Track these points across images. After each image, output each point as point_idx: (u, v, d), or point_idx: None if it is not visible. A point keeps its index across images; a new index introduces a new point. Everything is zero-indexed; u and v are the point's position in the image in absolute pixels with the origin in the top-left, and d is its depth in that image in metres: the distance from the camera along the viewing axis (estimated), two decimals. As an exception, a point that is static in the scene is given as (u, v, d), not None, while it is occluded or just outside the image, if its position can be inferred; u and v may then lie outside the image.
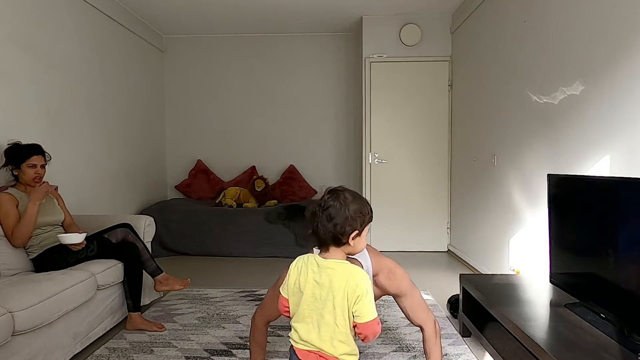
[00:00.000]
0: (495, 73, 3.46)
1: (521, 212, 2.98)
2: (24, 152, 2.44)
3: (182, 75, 5.37)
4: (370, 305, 1.22)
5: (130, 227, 2.67)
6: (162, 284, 2.66)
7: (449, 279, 3.59)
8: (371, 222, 1.34)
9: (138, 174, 4.65)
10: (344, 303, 1.22)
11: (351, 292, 1.22)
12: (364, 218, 1.29)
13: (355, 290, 1.22)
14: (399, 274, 1.79)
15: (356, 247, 1.31)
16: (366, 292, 1.22)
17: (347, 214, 1.25)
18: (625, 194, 1.60)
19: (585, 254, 1.83)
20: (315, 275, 1.27)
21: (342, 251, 1.30)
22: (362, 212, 1.27)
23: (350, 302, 1.22)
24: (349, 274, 1.24)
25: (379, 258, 1.77)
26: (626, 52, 1.97)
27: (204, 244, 4.35)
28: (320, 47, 5.29)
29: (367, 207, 1.32)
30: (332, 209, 1.26)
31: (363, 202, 1.32)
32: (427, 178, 4.72)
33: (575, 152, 2.37)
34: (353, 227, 1.26)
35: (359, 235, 1.28)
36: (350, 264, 1.30)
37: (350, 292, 1.22)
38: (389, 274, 1.77)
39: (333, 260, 1.28)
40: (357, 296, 1.22)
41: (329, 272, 1.25)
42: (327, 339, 1.24)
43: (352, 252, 1.32)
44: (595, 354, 1.47)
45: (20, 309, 1.76)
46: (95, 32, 3.80)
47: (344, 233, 1.25)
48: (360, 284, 1.23)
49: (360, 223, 1.28)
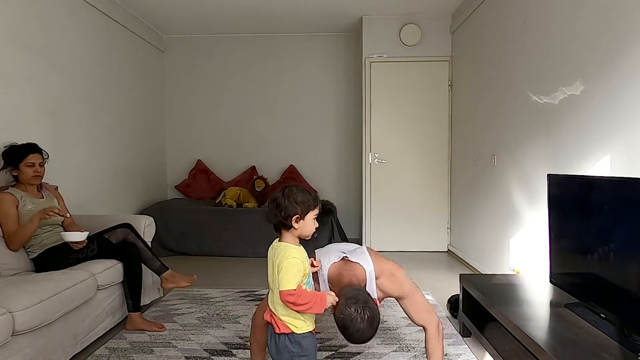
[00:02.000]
0: (495, 73, 3.46)
1: (521, 212, 2.98)
2: (21, 151, 2.45)
3: (182, 75, 5.37)
4: (284, 278, 1.46)
5: (131, 227, 2.67)
6: (168, 281, 2.65)
7: (449, 279, 3.59)
8: (316, 210, 1.58)
9: (138, 174, 4.65)
10: (274, 274, 1.52)
11: (277, 265, 1.51)
12: (304, 205, 1.54)
13: (279, 265, 1.49)
14: (400, 277, 1.83)
15: (303, 230, 1.56)
16: (286, 267, 1.47)
17: (288, 202, 1.52)
18: (625, 193, 1.60)
19: (585, 254, 1.83)
20: (271, 254, 1.58)
21: (292, 234, 1.56)
22: (302, 201, 1.53)
23: (275, 273, 1.51)
24: (281, 251, 1.52)
25: (380, 261, 1.83)
26: (626, 51, 1.98)
27: (204, 244, 4.35)
28: (320, 47, 5.29)
29: (309, 197, 1.56)
30: (279, 199, 1.55)
31: (305, 193, 1.56)
32: (427, 178, 4.72)
33: (575, 151, 2.37)
34: (295, 212, 1.52)
35: (302, 219, 1.54)
36: (291, 246, 1.54)
37: (276, 264, 1.51)
38: (390, 276, 1.82)
39: (282, 243, 1.56)
40: (278, 269, 1.49)
41: (276, 252, 1.55)
42: (272, 302, 1.56)
43: (301, 234, 1.57)
44: (595, 354, 1.47)
45: (20, 309, 1.75)
46: (95, 32, 3.80)
47: (287, 217, 1.52)
48: (284, 260, 1.49)
49: (302, 209, 1.53)
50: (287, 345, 1.52)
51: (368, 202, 4.76)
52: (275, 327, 1.54)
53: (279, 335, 1.54)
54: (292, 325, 1.52)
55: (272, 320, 1.57)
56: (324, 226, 4.34)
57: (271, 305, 1.57)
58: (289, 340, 1.53)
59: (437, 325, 1.80)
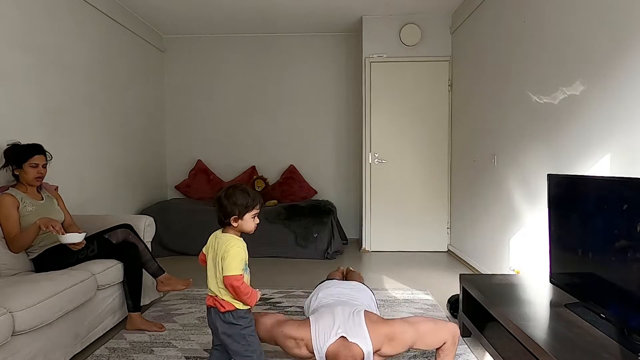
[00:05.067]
0: (495, 73, 3.46)
1: (521, 212, 2.98)
2: (26, 152, 2.44)
3: (182, 75, 5.37)
4: (232, 264, 1.63)
5: (131, 228, 2.67)
6: (164, 284, 2.66)
7: (449, 279, 3.59)
8: (254, 210, 1.72)
9: (138, 174, 4.65)
10: (218, 260, 1.68)
11: (220, 253, 1.67)
12: (242, 207, 1.69)
13: (224, 252, 1.65)
14: (399, 333, 1.79)
15: (243, 227, 1.73)
16: (232, 255, 1.64)
17: (227, 203, 1.68)
18: (625, 193, 1.60)
19: (585, 254, 1.83)
20: (213, 242, 1.75)
21: (233, 229, 1.73)
22: (240, 203, 1.68)
23: (219, 260, 1.67)
24: (226, 241, 1.68)
25: (377, 330, 1.78)
26: (626, 51, 1.97)
27: (204, 244, 4.32)
28: (320, 47, 5.29)
29: (247, 199, 1.70)
30: (221, 199, 1.71)
31: (245, 195, 1.70)
32: (427, 178, 4.72)
33: (575, 151, 2.37)
34: (233, 212, 1.68)
35: (240, 219, 1.70)
36: (234, 237, 1.71)
37: (220, 253, 1.67)
38: (390, 342, 1.79)
39: (225, 234, 1.73)
40: (222, 257, 1.65)
41: (219, 241, 1.71)
42: (215, 286, 1.70)
43: (240, 230, 1.73)
44: (595, 354, 1.47)
45: (20, 309, 1.75)
46: (95, 32, 3.80)
47: (226, 216, 1.69)
48: (230, 249, 1.65)
49: (239, 211, 1.68)
50: (232, 320, 1.69)
51: (368, 202, 4.76)
52: (220, 307, 1.69)
53: (224, 314, 1.69)
54: (235, 303, 1.69)
55: (215, 303, 1.71)
56: (324, 226, 4.34)
57: (215, 289, 1.70)
58: (232, 317, 1.69)
59: (452, 338, 1.81)
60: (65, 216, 2.64)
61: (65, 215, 2.65)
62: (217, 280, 1.70)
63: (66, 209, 2.69)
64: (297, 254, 4.37)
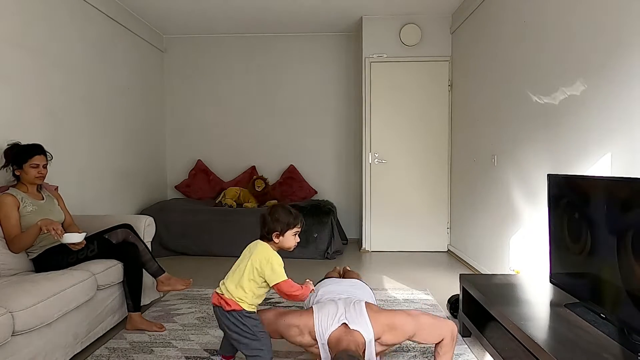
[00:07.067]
0: (495, 73, 3.46)
1: (521, 212, 2.98)
2: (26, 152, 2.44)
3: (182, 75, 5.37)
4: (279, 271, 1.80)
5: (131, 228, 2.67)
6: (164, 284, 2.65)
7: (449, 279, 3.59)
8: (295, 229, 1.88)
9: (138, 174, 4.65)
10: (253, 265, 1.81)
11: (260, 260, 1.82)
12: (284, 225, 1.85)
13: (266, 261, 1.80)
14: (399, 324, 1.83)
15: (283, 244, 1.89)
16: (276, 263, 1.81)
17: (271, 220, 1.86)
18: (625, 193, 1.60)
19: (585, 254, 1.83)
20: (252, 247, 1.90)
21: (274, 245, 1.88)
22: (282, 221, 1.85)
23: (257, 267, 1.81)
24: (265, 251, 1.84)
25: (378, 318, 1.83)
26: (626, 51, 1.97)
27: (204, 244, 4.35)
28: (320, 47, 5.29)
29: (289, 217, 1.87)
30: (265, 216, 1.89)
31: (287, 213, 1.87)
32: (427, 178, 4.72)
33: (575, 151, 2.37)
34: (275, 229, 1.85)
35: (282, 236, 1.86)
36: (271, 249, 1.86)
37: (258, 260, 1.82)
38: (390, 330, 1.82)
39: (265, 244, 1.88)
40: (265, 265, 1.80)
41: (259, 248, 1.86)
42: (232, 285, 1.83)
43: (281, 247, 1.89)
44: (595, 354, 1.47)
45: (20, 309, 1.76)
46: (95, 32, 3.81)
47: (268, 232, 1.86)
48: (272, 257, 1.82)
49: (282, 228, 1.85)
50: (239, 319, 1.80)
51: (368, 202, 4.76)
52: (225, 306, 1.81)
53: (229, 312, 1.81)
54: (241, 303, 1.80)
55: (220, 301, 1.83)
56: (324, 226, 4.34)
57: (229, 288, 1.82)
58: (239, 316, 1.80)
59: (451, 334, 1.83)
60: (65, 216, 2.64)
61: (65, 215, 2.65)
62: (232, 279, 1.84)
63: (66, 209, 2.69)
64: (297, 254, 4.33)
